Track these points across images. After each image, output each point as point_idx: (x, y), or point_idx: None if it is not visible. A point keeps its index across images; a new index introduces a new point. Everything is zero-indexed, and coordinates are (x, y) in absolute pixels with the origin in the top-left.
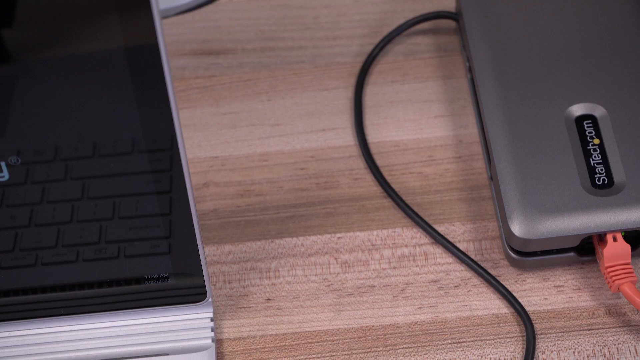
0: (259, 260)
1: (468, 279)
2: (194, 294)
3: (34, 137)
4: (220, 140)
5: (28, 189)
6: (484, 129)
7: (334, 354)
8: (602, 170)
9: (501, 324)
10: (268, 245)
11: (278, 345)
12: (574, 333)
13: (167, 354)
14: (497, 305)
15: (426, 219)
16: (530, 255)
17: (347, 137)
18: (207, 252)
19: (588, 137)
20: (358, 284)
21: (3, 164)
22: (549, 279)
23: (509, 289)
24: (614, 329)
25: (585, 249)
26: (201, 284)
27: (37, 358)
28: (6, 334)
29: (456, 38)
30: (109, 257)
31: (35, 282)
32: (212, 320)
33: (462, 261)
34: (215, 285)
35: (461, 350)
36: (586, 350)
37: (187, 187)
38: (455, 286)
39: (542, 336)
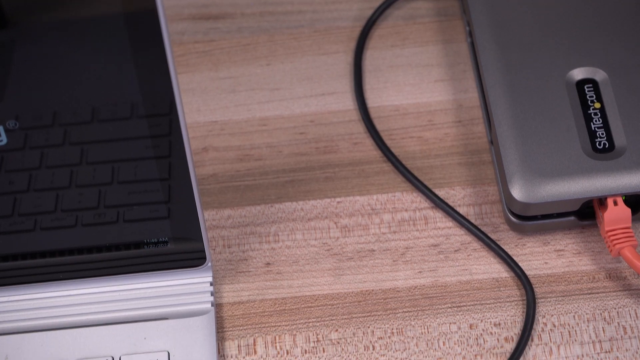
0: (259, 224)
1: (468, 243)
2: (193, 258)
3: (32, 101)
4: (219, 104)
5: (27, 154)
6: (484, 93)
7: (333, 318)
8: (602, 134)
9: (501, 288)
10: (267, 209)
11: (277, 309)
12: (574, 297)
13: (166, 318)
14: (497, 270)
15: (426, 183)
16: (531, 219)
17: (346, 102)
18: (206, 217)
19: (589, 101)
20: (358, 248)
21: (1, 128)
22: (549, 243)
23: (509, 253)
24: (614, 293)
25: (586, 213)
26: (200, 249)
27: (36, 322)
28: (5, 299)
29: (456, 2)
30: (108, 222)
31: (35, 246)
32: (211, 284)
33: (462, 225)
34: (214, 249)
35: (461, 314)
36: (586, 314)
37: (186, 151)
38: (455, 250)
39: (542, 300)
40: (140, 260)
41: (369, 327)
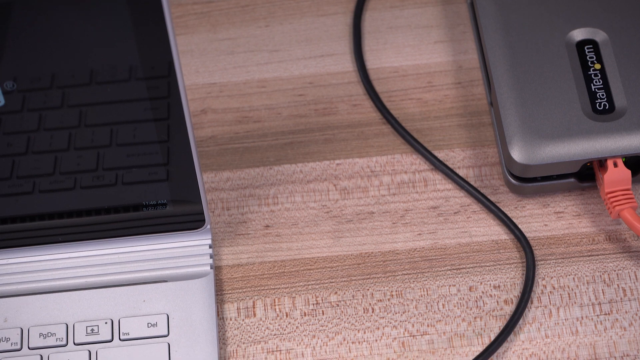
0: (258, 187)
1: (468, 205)
2: (192, 220)
3: (30, 64)
4: (218, 66)
5: (25, 116)
6: (484, 55)
7: (333, 280)
8: (603, 95)
9: (501, 250)
10: (266, 172)
11: (277, 272)
12: (573, 259)
13: (165, 281)
14: (496, 232)
15: (426, 145)
16: (530, 181)
17: (345, 63)
18: (205, 179)
19: (589, 62)
20: (357, 211)
21: None
22: (549, 205)
23: (509, 215)
24: (614, 255)
25: (586, 174)
26: (199, 211)
27: (35, 285)
28: (4, 262)
29: None
30: (107, 185)
31: (33, 209)
32: (210, 247)
33: (461, 187)
34: (213, 212)
35: (461, 277)
36: (586, 276)
37: (184, 114)
38: (455, 212)
39: (541, 262)
40: (139, 222)
41: (368, 289)
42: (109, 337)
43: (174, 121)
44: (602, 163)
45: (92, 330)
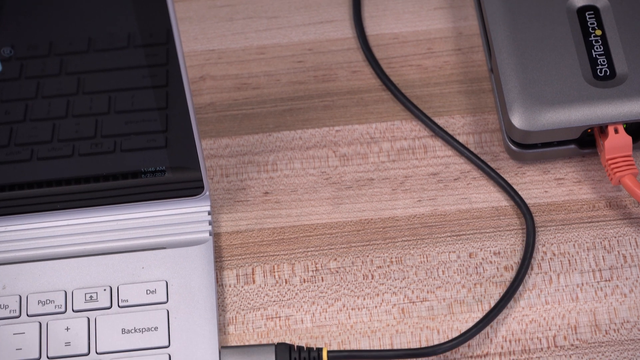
0: (257, 153)
1: (467, 171)
2: (191, 187)
3: (28, 30)
4: (216, 33)
5: (23, 83)
6: (484, 21)
7: (332, 247)
8: (604, 61)
9: (501, 217)
10: (266, 138)
11: (276, 238)
12: (574, 226)
13: (164, 248)
14: (496, 198)
15: (425, 111)
16: (531, 147)
17: (345, 30)
18: (204, 146)
19: (590, 29)
20: (357, 177)
21: None
22: (549, 171)
23: (509, 181)
24: (615, 222)
25: (586, 141)
26: (198, 178)
27: (34, 252)
28: (3, 229)
29: None
30: (105, 152)
31: (31, 176)
32: (209, 213)
33: (461, 154)
34: (212, 179)
35: (460, 243)
36: (586, 242)
37: (183, 81)
38: (455, 179)
39: (542, 229)
40: (138, 189)
41: (368, 256)
42: (108, 304)
43: (172, 88)
44: (602, 129)
45: (91, 297)
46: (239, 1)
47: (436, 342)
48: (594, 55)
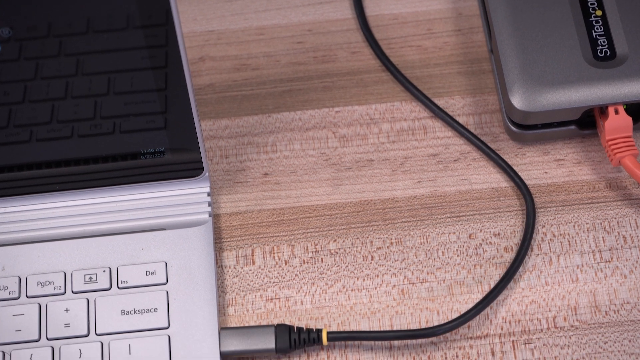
0: (256, 134)
1: (467, 152)
2: (190, 168)
3: (26, 11)
4: (216, 14)
5: (22, 65)
6: (484, 1)
7: (332, 228)
8: (604, 42)
9: (501, 198)
10: (265, 119)
11: (276, 219)
12: (574, 207)
13: (164, 229)
14: (496, 179)
15: (425, 92)
16: (531, 128)
17: (345, 10)
18: (203, 127)
19: (590, 9)
20: (356, 158)
21: None
22: (549, 152)
23: (509, 162)
24: (615, 203)
25: (587, 122)
26: (197, 159)
27: (33, 234)
28: (1, 210)
29: None
30: (105, 133)
31: (30, 158)
32: (209, 195)
33: (461, 135)
34: (212, 160)
35: (460, 224)
36: (586, 223)
37: (182, 62)
38: (455, 160)
39: (542, 210)
40: (137, 171)
41: (367, 237)
42: (107, 286)
43: (171, 69)
44: (603, 110)
45: (91, 278)
46: None
47: (436, 323)
48: (594, 36)
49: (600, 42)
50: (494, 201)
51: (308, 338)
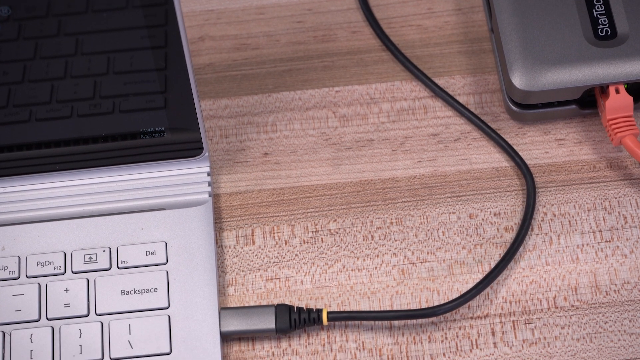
0: (256, 114)
1: (468, 132)
2: (190, 148)
3: None
4: None
5: (21, 44)
6: None
7: (332, 208)
8: (605, 21)
9: (501, 178)
10: (265, 99)
11: (276, 199)
12: (574, 186)
13: (163, 209)
14: (497, 159)
15: (426, 72)
16: (531, 107)
17: None
18: (203, 107)
19: None
20: (357, 138)
21: None
22: (550, 132)
23: (510, 142)
24: (615, 182)
25: (587, 101)
26: (197, 139)
27: (33, 214)
28: (1, 190)
29: None
30: (104, 113)
31: (30, 137)
32: (209, 174)
33: (462, 114)
34: (211, 140)
35: (461, 204)
36: (587, 203)
37: (182, 41)
38: (455, 140)
39: (542, 190)
40: (137, 150)
41: (367, 217)
42: (107, 266)
43: (171, 49)
44: (603, 89)
45: (90, 258)
46: None
47: (436, 303)
48: (595, 15)
49: (601, 21)
50: (495, 181)
51: (308, 318)
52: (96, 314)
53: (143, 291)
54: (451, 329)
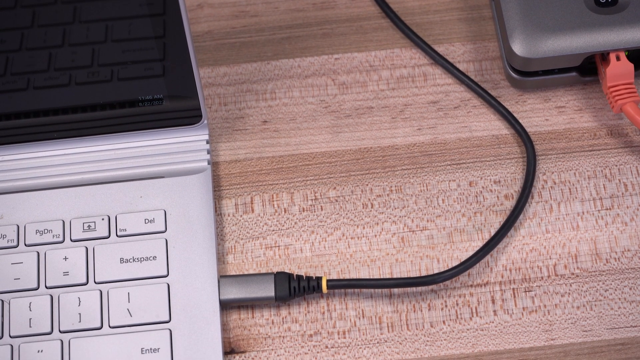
0: (255, 82)
1: (468, 99)
2: (189, 116)
3: None
4: None
5: (18, 13)
6: None
7: (331, 176)
8: None
9: (501, 145)
10: (264, 66)
11: (275, 167)
12: (575, 154)
13: (162, 177)
14: (497, 126)
15: (425, 39)
16: (532, 75)
17: None
18: (202, 74)
19: None
20: (356, 106)
21: None
22: (550, 99)
23: (510, 109)
24: (616, 150)
25: (588, 68)
26: (196, 106)
27: (31, 182)
28: (0, 158)
29: None
30: (102, 80)
31: (28, 105)
32: (207, 142)
33: (461, 82)
34: (210, 107)
35: (460, 172)
36: (587, 171)
37: (180, 8)
38: (455, 107)
39: (542, 157)
40: (136, 118)
41: (367, 184)
42: (106, 234)
43: (169, 16)
44: (604, 56)
45: (89, 226)
46: None
47: (436, 271)
48: None
49: None
50: (495, 148)
51: (308, 286)
52: (95, 282)
53: (142, 259)
54: (451, 296)
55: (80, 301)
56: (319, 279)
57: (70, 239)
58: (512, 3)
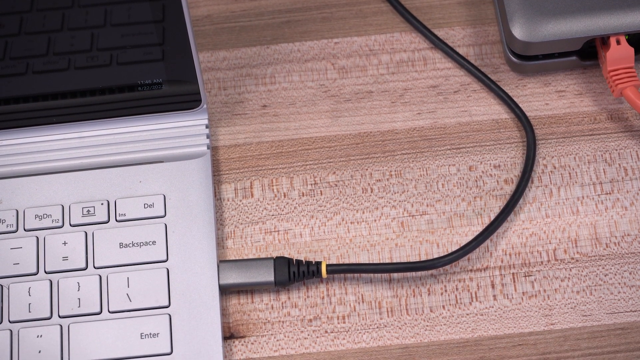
0: (255, 66)
1: (468, 84)
2: (188, 100)
3: None
4: None
5: None
6: None
7: (331, 160)
8: None
9: (501, 130)
10: (263, 51)
11: (274, 152)
12: (575, 138)
13: (161, 161)
14: (497, 111)
15: (425, 23)
16: (532, 59)
17: None
18: (201, 59)
19: None
20: (356, 90)
21: None
22: (550, 83)
23: (510, 94)
24: (616, 134)
25: (588, 52)
26: (195, 91)
27: (31, 167)
28: None
29: None
30: (101, 65)
31: (27, 90)
32: (207, 127)
33: (461, 66)
34: (210, 92)
35: (460, 156)
36: (587, 155)
37: None
38: (455, 91)
39: (542, 142)
40: (135, 102)
41: (367, 169)
42: (106, 218)
43: (168, 1)
44: (604, 40)
45: (88, 211)
46: None
47: (435, 256)
48: None
49: None
50: (495, 133)
51: (307, 271)
52: (94, 267)
53: (141, 244)
54: (451, 281)
55: (79, 286)
56: (318, 263)
57: (70, 224)
58: None
